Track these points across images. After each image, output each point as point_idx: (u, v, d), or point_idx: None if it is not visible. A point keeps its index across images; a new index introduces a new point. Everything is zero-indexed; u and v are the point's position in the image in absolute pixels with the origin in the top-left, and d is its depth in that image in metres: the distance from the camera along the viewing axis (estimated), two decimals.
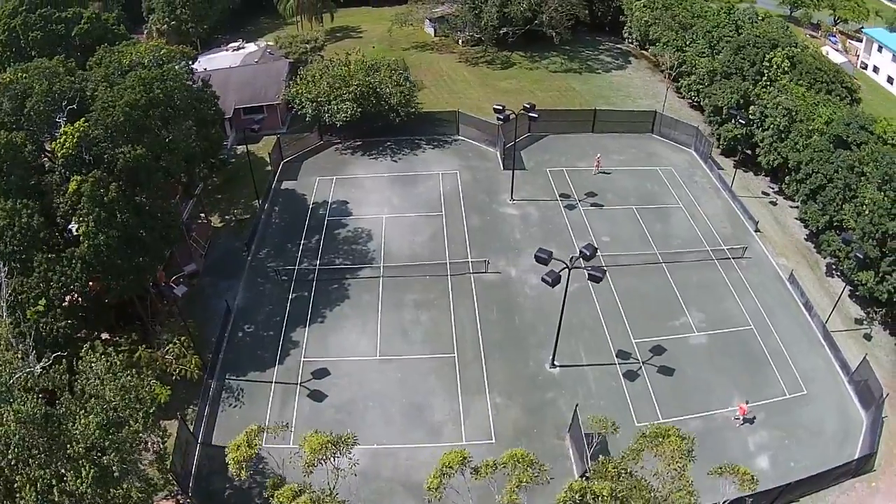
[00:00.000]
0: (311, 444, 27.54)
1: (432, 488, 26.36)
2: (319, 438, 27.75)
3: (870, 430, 37.42)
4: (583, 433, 36.10)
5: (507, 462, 27.20)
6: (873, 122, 45.00)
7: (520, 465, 26.61)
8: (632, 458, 28.10)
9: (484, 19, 73.01)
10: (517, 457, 27.07)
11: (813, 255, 50.69)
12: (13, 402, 25.22)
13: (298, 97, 57.22)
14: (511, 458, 27.12)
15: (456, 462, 26.72)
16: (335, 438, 28.23)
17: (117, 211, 37.15)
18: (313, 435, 28.52)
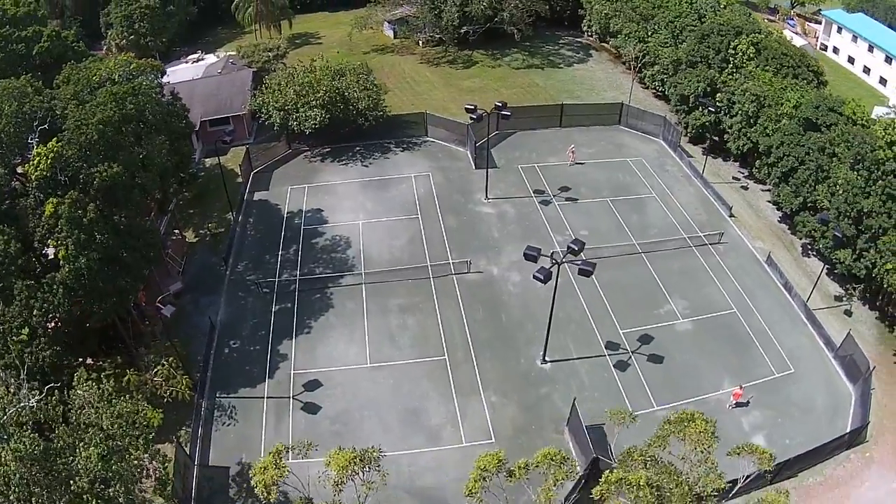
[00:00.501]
0: (338, 462, 27.00)
1: (473, 493, 26.21)
2: (346, 455, 27.29)
3: (859, 403, 38.67)
4: (583, 426, 36.47)
5: (540, 462, 27.15)
6: (842, 104, 46.39)
7: (554, 463, 26.56)
8: (658, 444, 28.36)
9: (444, 19, 72.93)
10: (551, 455, 27.05)
11: (788, 236, 52.08)
12: (10, 440, 24.09)
13: (265, 106, 56.24)
14: (545, 458, 27.13)
15: (492, 465, 26.61)
16: (362, 454, 27.89)
17: (97, 232, 35.89)
18: (338, 452, 28.04)
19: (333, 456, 27.88)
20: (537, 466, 27.49)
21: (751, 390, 40.03)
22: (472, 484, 26.58)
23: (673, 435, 28.49)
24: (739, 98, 52.55)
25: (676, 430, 28.12)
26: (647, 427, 38.02)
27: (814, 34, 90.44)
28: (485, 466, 26.79)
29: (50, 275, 35.46)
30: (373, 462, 28.11)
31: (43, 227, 35.88)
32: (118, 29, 68.93)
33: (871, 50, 79.82)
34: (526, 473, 27.39)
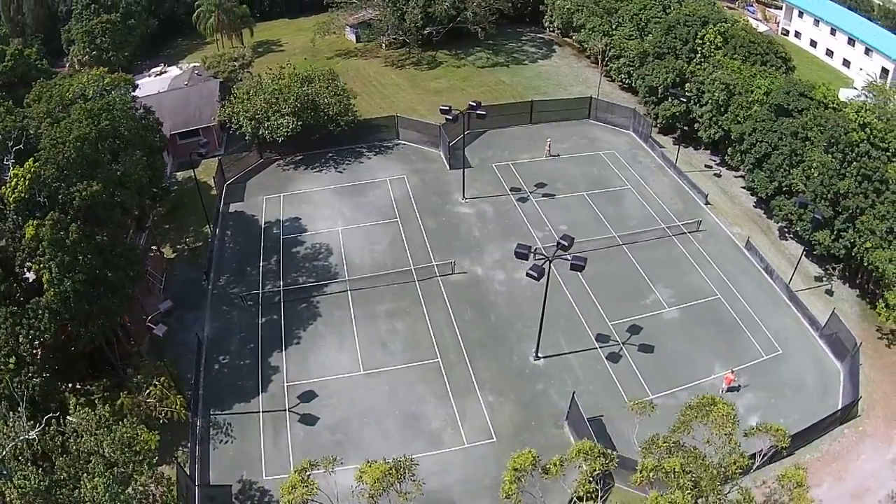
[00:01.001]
0: (371, 475, 26.58)
1: (510, 495, 26.08)
2: (381, 467, 26.97)
3: (849, 379, 39.83)
4: (585, 418, 36.71)
5: (574, 456, 27.20)
6: (812, 89, 47.65)
7: (590, 456, 26.67)
8: (682, 430, 28.67)
9: (408, 20, 72.62)
10: (585, 449, 27.13)
11: (764, 220, 53.35)
12: (13, 476, 23.07)
13: (235, 116, 55.16)
14: (580, 452, 27.19)
15: (528, 464, 26.55)
16: (395, 464, 27.59)
17: (80, 253, 34.74)
18: (370, 465, 27.69)
19: (366, 469, 27.45)
20: (572, 460, 27.65)
21: (741, 373, 41.01)
22: (508, 486, 26.46)
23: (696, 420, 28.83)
24: (709, 87, 53.61)
25: (699, 414, 28.48)
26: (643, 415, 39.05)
27: (774, 20, 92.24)
28: (519, 466, 26.67)
29: (34, 299, 34.32)
30: (407, 471, 27.76)
31: (23, 250, 34.76)
32: (80, 45, 67.37)
33: (833, 33, 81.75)
34: (562, 469, 27.38)
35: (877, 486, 35.93)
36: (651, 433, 37.21)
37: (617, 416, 39.12)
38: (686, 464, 25.41)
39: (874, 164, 41.44)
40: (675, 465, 25.19)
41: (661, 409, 39.54)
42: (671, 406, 39.78)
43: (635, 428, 32.03)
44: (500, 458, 37.05)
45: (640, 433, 37.07)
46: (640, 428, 37.49)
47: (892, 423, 38.74)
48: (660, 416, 38.42)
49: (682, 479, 24.60)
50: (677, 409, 38.64)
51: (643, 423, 37.69)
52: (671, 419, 36.84)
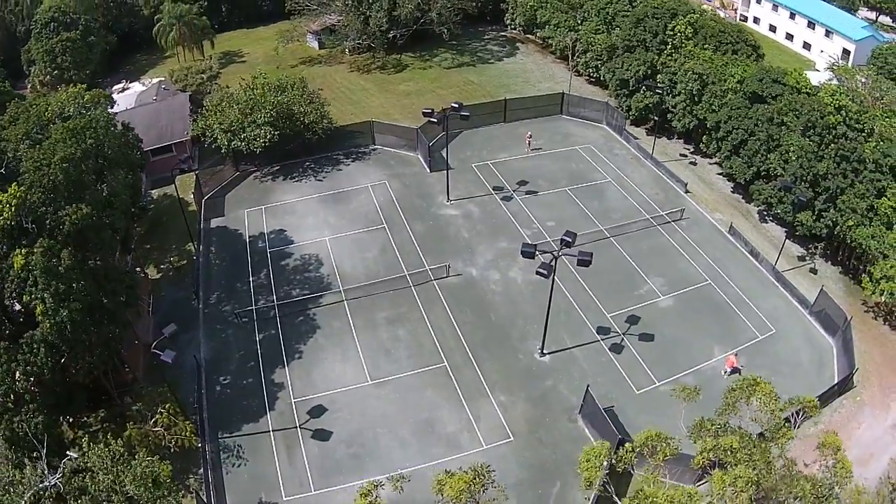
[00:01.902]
0: (453, 487, 26.18)
1: (592, 483, 26.21)
2: (463, 478, 26.51)
3: (842, 353, 41.27)
4: (602, 410, 37.13)
5: (643, 443, 27.44)
6: (785, 75, 49.16)
7: (658, 442, 26.96)
8: (730, 412, 29.20)
9: (372, 24, 71.96)
10: (652, 436, 27.35)
11: (743, 205, 54.86)
12: None
13: (209, 129, 53.67)
14: (647, 440, 27.38)
15: (603, 454, 27.51)
16: (475, 473, 27.24)
17: (74, 280, 33.24)
18: (446, 476, 27.39)
19: (446, 479, 27.13)
20: (642, 447, 28.22)
21: (740, 354, 41.96)
22: (591, 472, 26.89)
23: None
24: (682, 78, 54.78)
25: (744, 395, 29.11)
26: (652, 402, 39.77)
27: (732, 6, 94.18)
28: (594, 457, 27.02)
29: (28, 333, 32.67)
30: (488, 479, 27.55)
31: (13, 281, 32.97)
32: (41, 65, 65.01)
33: (792, 17, 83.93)
34: (634, 457, 27.60)
35: (879, 451, 37.37)
36: (662, 419, 38.65)
37: (627, 406, 39.72)
38: (742, 441, 26.07)
39: (851, 144, 43.12)
40: (731, 443, 25.77)
41: (668, 394, 40.19)
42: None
43: (681, 414, 32.35)
44: (519, 457, 37.40)
45: (648, 420, 38.27)
46: (647, 415, 38.68)
47: (887, 392, 40.42)
48: (670, 402, 39.83)
49: (741, 454, 25.20)
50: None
51: (651, 410, 39.01)
52: (679, 404, 37.53)
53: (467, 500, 26.46)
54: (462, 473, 27.29)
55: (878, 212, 41.90)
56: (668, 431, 36.64)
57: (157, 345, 34.59)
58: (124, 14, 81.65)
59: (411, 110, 67.82)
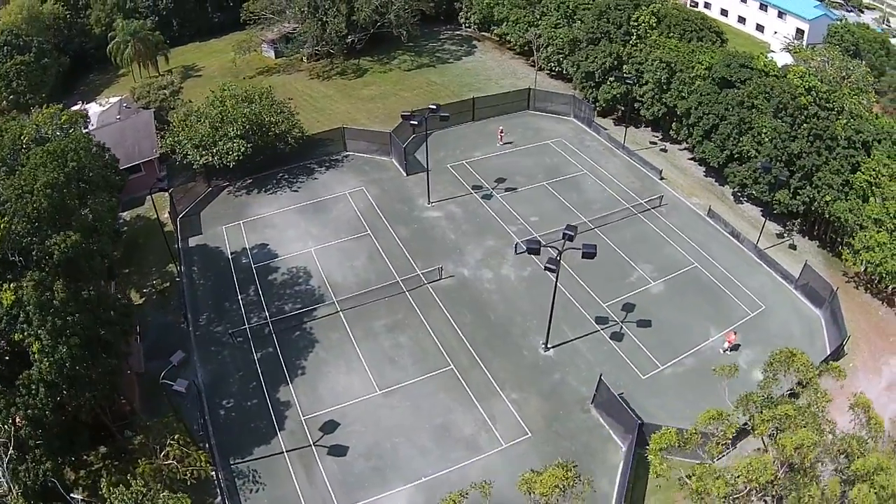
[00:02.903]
0: (544, 484, 25.88)
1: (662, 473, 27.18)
2: (555, 474, 26.18)
3: (831, 323, 42.91)
4: (617, 396, 37.67)
5: (707, 423, 27.93)
6: (752, 59, 50.66)
7: (720, 420, 27.49)
8: (771, 384, 29.83)
9: (330, 30, 70.77)
10: (713, 415, 27.63)
11: (717, 188, 56.40)
12: None
13: (179, 145, 51.75)
14: (710, 418, 27.67)
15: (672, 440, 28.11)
16: (563, 468, 27.04)
17: (69, 314, 31.52)
18: (533, 475, 27.20)
19: (534, 478, 26.97)
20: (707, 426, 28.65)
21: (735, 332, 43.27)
22: (658, 465, 27.18)
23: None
24: (649, 67, 55.88)
25: (783, 368, 29.83)
26: (659, 386, 40.53)
27: None
28: (663, 446, 27.22)
29: (24, 373, 30.79)
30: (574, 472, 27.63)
31: (2, 319, 31.05)
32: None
33: (744, 0, 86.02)
34: (699, 438, 27.90)
35: (878, 412, 38.39)
36: (673, 401, 39.49)
37: (636, 391, 40.29)
38: (796, 408, 26.87)
39: (823, 123, 44.91)
40: (788, 411, 26.44)
41: (673, 377, 41.51)
42: (681, 374, 41.77)
43: (725, 391, 32.88)
44: (540, 451, 37.39)
45: (658, 403, 39.10)
46: (657, 398, 39.42)
47: (876, 356, 42.27)
48: (674, 382, 40.82)
49: (798, 420, 25.93)
50: (687, 375, 41.32)
51: (660, 394, 39.75)
52: (685, 385, 40.38)
53: (558, 497, 26.28)
54: (552, 469, 27.08)
55: (853, 186, 43.79)
56: (682, 411, 38.53)
57: (167, 374, 32.89)
58: (75, 34, 78.66)
59: (377, 115, 67.24)
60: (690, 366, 42.12)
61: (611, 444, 37.89)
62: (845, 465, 25.47)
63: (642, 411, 38.26)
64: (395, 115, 66.67)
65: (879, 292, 44.81)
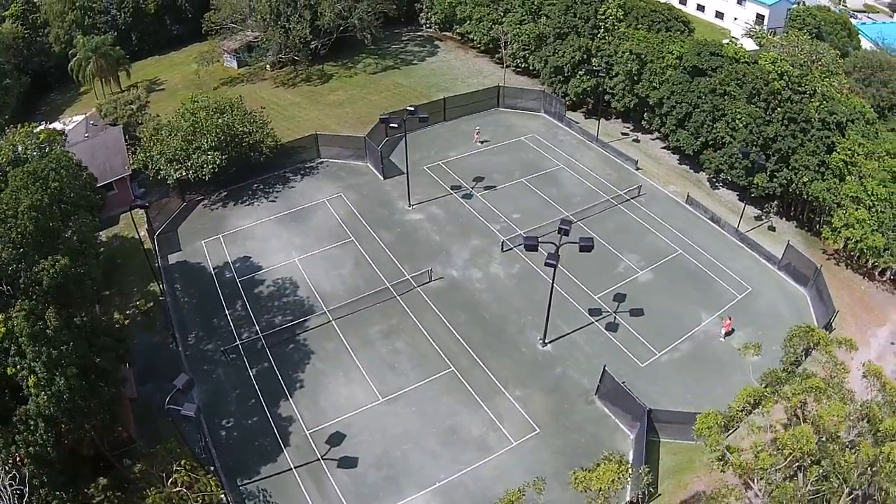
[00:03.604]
0: (600, 479, 25.94)
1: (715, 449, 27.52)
2: (609, 468, 26.14)
3: (817, 300, 44.12)
4: (623, 385, 38.22)
5: (743, 400, 28.18)
6: (722, 47, 51.71)
7: (758, 395, 27.88)
8: (792, 360, 30.38)
9: (293, 36, 69.59)
10: (748, 393, 27.86)
11: (693, 175, 57.46)
12: None
13: (152, 161, 50.12)
14: (746, 396, 27.83)
15: (717, 421, 28.34)
16: (618, 461, 27.03)
17: (63, 342, 30.17)
18: (585, 473, 27.15)
19: (587, 476, 26.94)
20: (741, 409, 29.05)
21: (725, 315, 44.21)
22: (712, 441, 27.32)
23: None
24: (619, 59, 56.53)
25: (804, 342, 30.40)
26: (658, 373, 41.08)
27: None
28: (712, 423, 27.71)
29: (22, 409, 29.33)
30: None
31: None
32: None
33: None
34: (744, 414, 28.48)
35: None
36: (673, 386, 40.07)
37: (637, 379, 40.67)
38: (824, 381, 27.52)
39: (797, 107, 46.22)
40: (818, 384, 27.03)
41: (671, 363, 42.11)
42: (678, 359, 42.40)
43: (749, 369, 33.32)
44: (551, 446, 37.59)
45: (659, 389, 39.76)
46: (657, 385, 40.06)
47: (864, 329, 43.66)
48: (673, 368, 41.44)
49: (827, 392, 26.53)
50: (684, 360, 41.99)
51: (659, 380, 40.30)
52: (683, 370, 41.27)
53: (617, 491, 26.35)
54: (605, 464, 27.08)
55: (829, 166, 45.17)
56: (684, 396, 39.21)
57: (171, 399, 31.69)
58: (35, 53, 75.79)
59: (347, 120, 66.45)
60: (686, 351, 42.82)
61: (619, 433, 38.23)
62: (867, 429, 26.18)
63: (645, 398, 38.59)
64: (365, 119, 66.25)
65: (860, 267, 46.42)
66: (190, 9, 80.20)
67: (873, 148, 43.51)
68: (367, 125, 64.22)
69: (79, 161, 39.11)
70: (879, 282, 45.98)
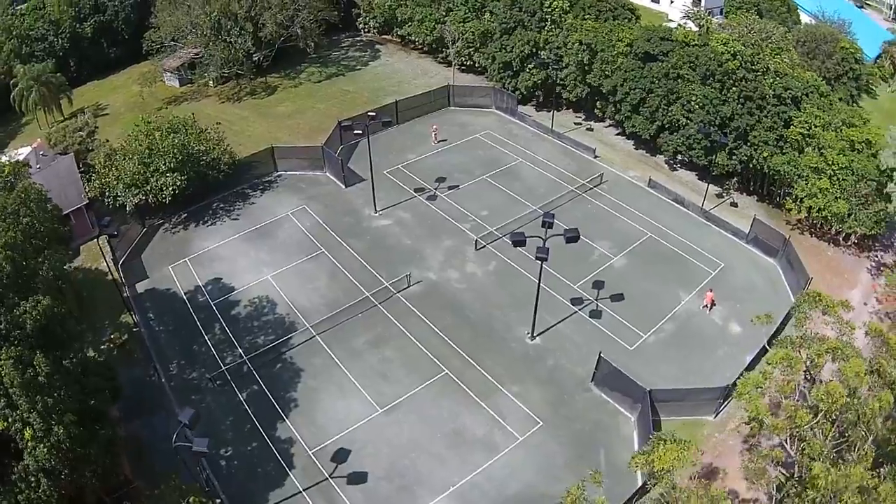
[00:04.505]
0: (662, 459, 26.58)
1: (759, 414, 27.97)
2: (671, 449, 26.77)
3: (788, 269, 46.14)
4: (620, 370, 38.99)
5: (777, 363, 29.15)
6: (671, 32, 53.18)
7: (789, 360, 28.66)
8: (804, 324, 31.46)
9: (236, 49, 67.71)
10: (781, 357, 28.63)
11: (650, 159, 59.05)
12: None
13: (109, 188, 47.79)
14: (779, 360, 28.58)
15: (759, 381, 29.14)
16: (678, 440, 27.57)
17: (58, 388, 28.50)
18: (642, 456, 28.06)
19: (648, 460, 27.23)
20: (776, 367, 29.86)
21: (701, 293, 45.65)
22: (751, 406, 27.82)
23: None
24: (569, 51, 57.43)
25: (811, 307, 31.56)
26: (648, 354, 42.17)
27: None
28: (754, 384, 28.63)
29: (21, 465, 27.60)
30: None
31: None
32: None
33: None
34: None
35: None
36: (664, 365, 41.23)
37: (628, 363, 41.26)
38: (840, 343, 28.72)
39: (751, 85, 48.12)
40: (833, 345, 28.31)
41: (658, 343, 43.18)
42: (663, 339, 43.52)
43: (765, 340, 34.26)
44: (556, 437, 37.99)
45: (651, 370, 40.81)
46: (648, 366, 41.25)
47: (836, 293, 44.95)
48: (661, 348, 42.57)
49: (848, 351, 27.75)
50: (670, 339, 43.13)
51: (650, 362, 41.31)
52: (671, 349, 42.75)
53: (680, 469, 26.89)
54: (667, 445, 27.40)
55: (787, 140, 47.25)
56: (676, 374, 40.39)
57: (179, 436, 30.26)
58: None
59: (299, 130, 65.23)
60: (671, 330, 44.05)
61: (620, 416, 39.03)
62: (878, 382, 27.57)
63: (640, 380, 39.37)
64: (317, 128, 65.19)
65: (824, 234, 48.83)
66: (126, 30, 77.11)
67: (829, 119, 45.89)
68: (319, 134, 63.21)
69: (46, 192, 36.88)
70: (845, 246, 48.57)
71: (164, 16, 67.94)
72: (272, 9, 68.02)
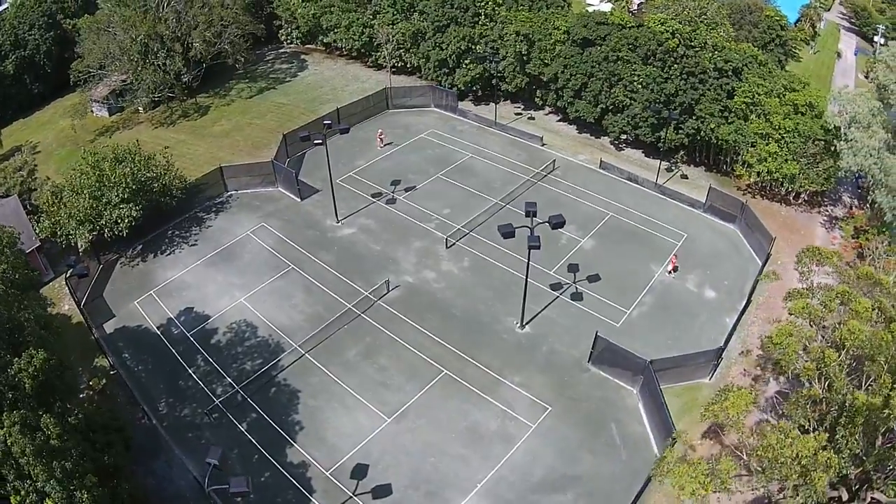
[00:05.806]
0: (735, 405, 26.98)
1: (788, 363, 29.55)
2: (742, 395, 27.56)
3: (748, 233, 48.92)
4: (619, 346, 40.24)
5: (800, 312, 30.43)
6: (606, 16, 54.91)
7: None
8: (809, 276, 33.34)
9: (167, 72, 64.74)
10: (801, 306, 30.11)
11: (596, 141, 60.97)
12: None
13: (61, 226, 44.69)
14: (800, 310, 29.90)
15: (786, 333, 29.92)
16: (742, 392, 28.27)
17: (71, 448, 26.62)
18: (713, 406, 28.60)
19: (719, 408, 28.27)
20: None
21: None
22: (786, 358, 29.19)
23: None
24: (506, 43, 58.32)
25: (813, 260, 33.33)
26: (636, 328, 43.78)
27: None
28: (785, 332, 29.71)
29: None
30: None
31: None
32: None
33: None
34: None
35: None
36: (654, 335, 43.04)
37: (620, 339, 42.26)
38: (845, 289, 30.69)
39: (692, 60, 50.51)
40: (844, 290, 30.23)
41: (642, 317, 44.82)
42: (645, 312, 45.21)
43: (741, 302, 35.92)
44: (567, 419, 38.82)
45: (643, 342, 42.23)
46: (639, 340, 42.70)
47: (797, 248, 45.83)
48: (646, 321, 44.25)
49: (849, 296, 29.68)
50: (653, 312, 44.84)
51: (639, 335, 42.87)
52: (655, 320, 44.53)
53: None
54: (735, 391, 28.52)
55: (732, 110, 49.92)
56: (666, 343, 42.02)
57: (211, 478, 28.64)
58: None
59: (240, 147, 63.33)
60: (651, 303, 45.84)
61: (623, 391, 40.33)
62: (880, 318, 29.86)
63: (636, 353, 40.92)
64: (259, 144, 63.56)
65: (775, 195, 51.97)
66: (48, 64, 72.72)
67: (771, 86, 48.88)
68: (262, 150, 61.70)
69: (18, 234, 34.07)
70: (796, 205, 51.98)
71: (89, 43, 64.23)
72: (199, 27, 65.60)
